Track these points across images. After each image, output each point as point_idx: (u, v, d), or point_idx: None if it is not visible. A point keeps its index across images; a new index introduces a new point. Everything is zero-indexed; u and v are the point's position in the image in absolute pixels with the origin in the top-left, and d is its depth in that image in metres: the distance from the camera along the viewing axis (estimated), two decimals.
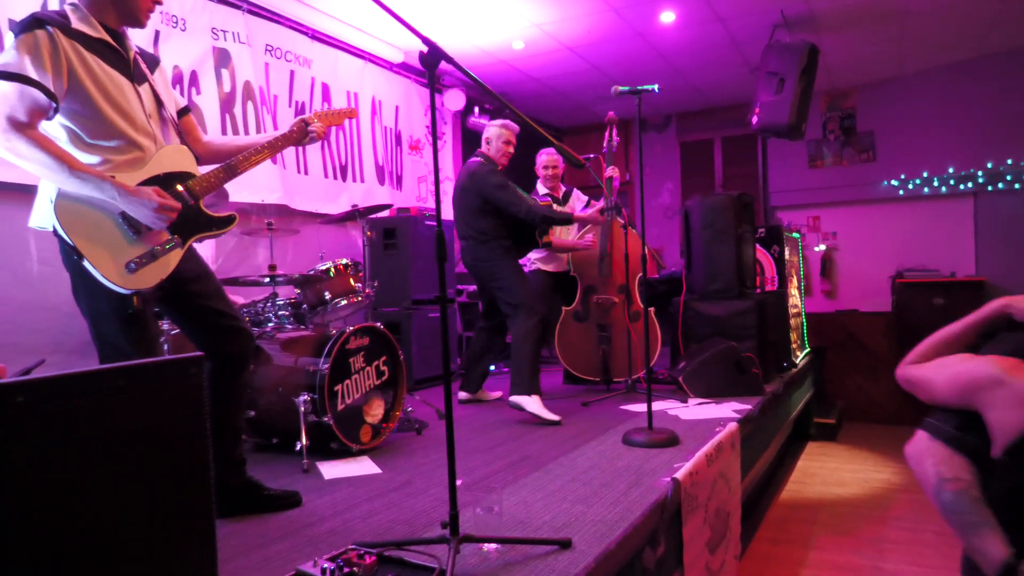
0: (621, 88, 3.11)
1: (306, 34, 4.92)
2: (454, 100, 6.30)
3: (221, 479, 2.16)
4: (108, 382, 0.95)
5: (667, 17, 5.13)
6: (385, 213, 4.75)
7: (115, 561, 0.98)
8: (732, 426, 3.28)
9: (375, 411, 3.14)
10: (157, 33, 3.87)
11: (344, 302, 3.30)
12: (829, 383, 6.97)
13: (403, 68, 5.91)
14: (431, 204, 6.21)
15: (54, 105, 1.84)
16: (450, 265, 5.60)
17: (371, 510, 2.24)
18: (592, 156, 4.50)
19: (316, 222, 4.61)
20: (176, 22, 4.00)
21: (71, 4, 1.95)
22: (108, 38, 1.97)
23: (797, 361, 5.53)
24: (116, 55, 1.98)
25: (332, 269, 3.30)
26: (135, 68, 2.04)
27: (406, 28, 1.71)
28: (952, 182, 6.67)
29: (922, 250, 6.88)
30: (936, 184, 6.75)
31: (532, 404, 3.64)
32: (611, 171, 4.44)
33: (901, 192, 6.92)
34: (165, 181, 2.01)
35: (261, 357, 3.22)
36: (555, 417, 3.60)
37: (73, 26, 1.89)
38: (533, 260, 4.67)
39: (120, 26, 2.02)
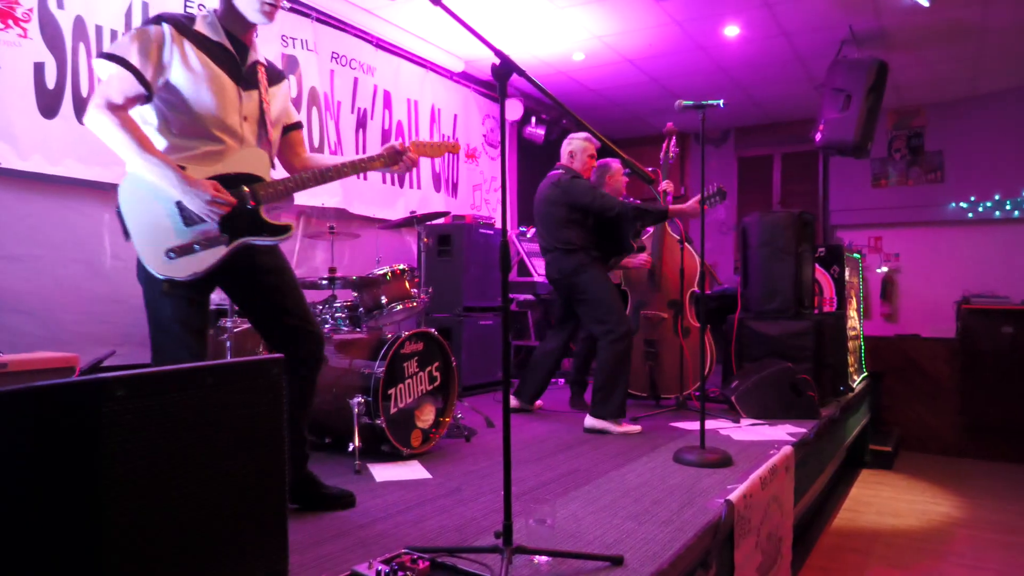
0: (685, 103, 3.08)
1: (370, 42, 5.02)
2: (511, 110, 6.35)
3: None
4: (198, 379, 0.99)
5: (731, 31, 5.07)
6: (440, 220, 4.81)
7: (198, 545, 1.02)
8: (787, 449, 3.20)
9: (426, 416, 3.17)
10: None
11: (400, 307, 3.34)
12: (886, 410, 6.74)
13: (463, 77, 5.98)
14: (485, 212, 6.25)
15: (146, 93, 1.97)
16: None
17: (421, 515, 2.26)
18: (649, 169, 4.47)
19: (374, 227, 4.69)
20: None
21: (207, 11, 2.11)
22: (227, 43, 2.09)
23: (854, 385, 5.37)
24: (230, 59, 2.09)
25: (389, 274, 3.35)
26: (248, 75, 2.14)
27: (480, 41, 1.73)
28: None
29: (991, 276, 6.61)
30: (1008, 208, 6.49)
31: (616, 428, 3.64)
32: (666, 184, 4.39)
33: (970, 215, 6.67)
34: (232, 180, 2.08)
35: None
36: (637, 427, 3.68)
37: (195, 27, 2.05)
38: None
39: (246, 35, 2.14)
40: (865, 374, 6.06)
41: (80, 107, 3.31)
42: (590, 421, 3.69)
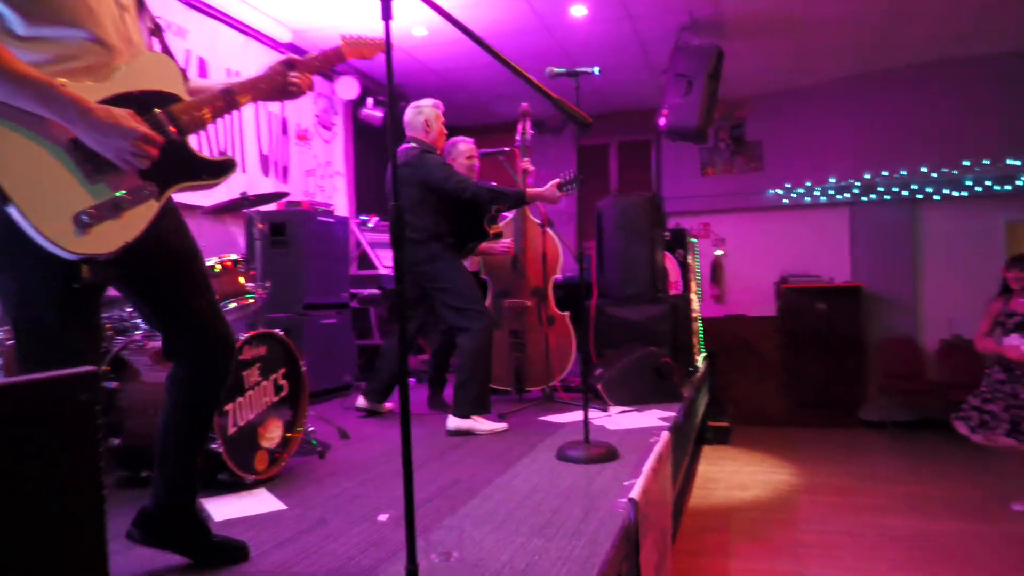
0: (557, 70, 2.84)
1: None
2: (347, 89, 5.82)
3: (163, 511, 1.74)
4: None
5: (578, 11, 4.96)
6: (272, 206, 4.22)
7: None
8: (665, 436, 3.10)
9: (272, 433, 2.67)
10: None
11: (233, 304, 2.81)
12: (721, 387, 7.09)
13: (290, 49, 5.36)
14: (320, 199, 5.69)
15: None
16: (343, 267, 5.12)
17: (284, 559, 1.82)
18: (507, 149, 4.23)
19: (193, 214, 4.00)
20: None
21: None
22: None
23: (698, 365, 5.53)
24: None
25: (219, 266, 2.80)
26: None
27: None
28: (831, 192, 6.99)
29: (804, 257, 7.16)
30: (816, 194, 7.06)
31: (482, 426, 3.36)
32: (526, 163, 4.19)
33: (785, 201, 7.18)
34: (139, 102, 1.42)
35: (127, 372, 2.66)
36: (503, 425, 3.45)
37: None
38: None
39: None
40: (704, 354, 6.31)
41: None
42: (453, 422, 3.37)
